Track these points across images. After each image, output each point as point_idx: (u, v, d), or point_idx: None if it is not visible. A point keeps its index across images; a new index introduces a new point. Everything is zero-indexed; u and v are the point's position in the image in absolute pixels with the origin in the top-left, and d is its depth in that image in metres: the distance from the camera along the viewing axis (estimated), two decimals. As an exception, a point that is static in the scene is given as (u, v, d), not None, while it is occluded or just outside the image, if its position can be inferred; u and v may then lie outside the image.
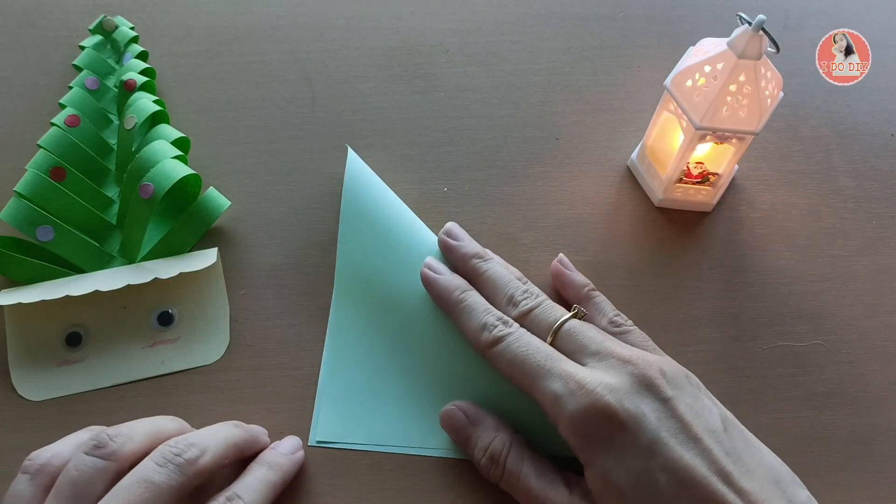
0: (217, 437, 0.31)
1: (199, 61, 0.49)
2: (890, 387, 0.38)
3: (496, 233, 0.42)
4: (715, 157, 0.41)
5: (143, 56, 0.48)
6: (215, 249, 0.40)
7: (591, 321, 0.35)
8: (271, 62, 0.49)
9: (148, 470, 0.28)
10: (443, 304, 0.36)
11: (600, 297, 0.37)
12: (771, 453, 0.31)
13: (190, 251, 0.41)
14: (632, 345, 0.34)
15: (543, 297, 0.35)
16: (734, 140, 0.39)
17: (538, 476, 0.32)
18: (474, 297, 0.35)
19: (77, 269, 0.39)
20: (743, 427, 0.32)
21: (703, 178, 0.42)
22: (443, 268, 0.37)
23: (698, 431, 0.29)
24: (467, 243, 0.38)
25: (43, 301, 0.36)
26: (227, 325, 0.39)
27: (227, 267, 0.41)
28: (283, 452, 0.34)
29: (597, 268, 0.41)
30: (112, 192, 0.43)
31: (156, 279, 0.37)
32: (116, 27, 0.49)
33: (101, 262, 0.40)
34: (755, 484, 0.28)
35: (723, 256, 0.42)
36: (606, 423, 0.29)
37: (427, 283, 0.37)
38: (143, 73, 0.45)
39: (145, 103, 0.42)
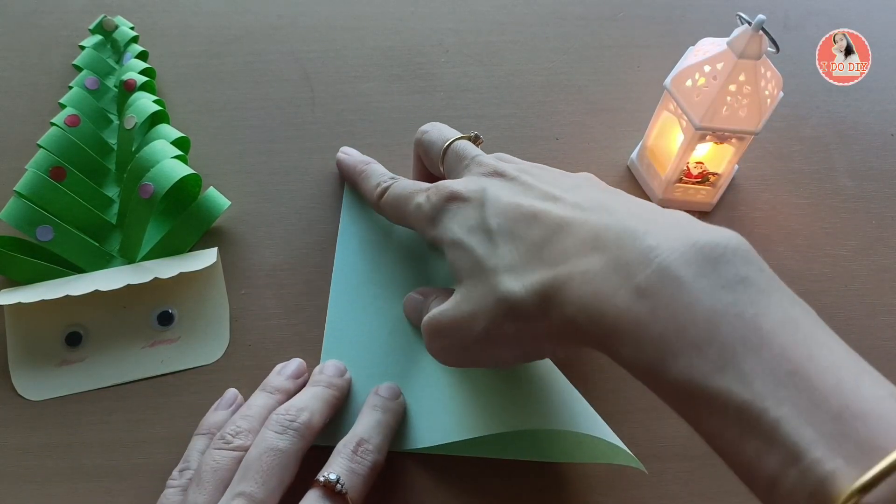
0: (317, 399, 0.34)
1: (199, 61, 0.49)
2: (890, 387, 0.38)
3: (496, 233, 0.42)
4: (715, 157, 0.41)
5: (143, 56, 0.48)
6: (215, 249, 0.40)
7: None
8: (271, 62, 0.49)
9: (272, 439, 0.30)
10: (349, 178, 0.42)
11: None
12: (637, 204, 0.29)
13: (190, 251, 0.41)
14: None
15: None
16: (734, 140, 0.39)
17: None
18: (374, 167, 0.40)
19: (77, 269, 0.39)
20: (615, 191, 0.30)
21: (703, 178, 0.42)
22: (352, 150, 0.43)
23: (533, 182, 0.30)
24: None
25: (43, 301, 0.36)
26: (227, 325, 0.39)
27: (227, 267, 0.41)
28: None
29: (597, 268, 0.41)
30: (112, 191, 0.43)
31: (156, 279, 0.37)
32: (116, 27, 0.49)
33: (101, 261, 0.40)
34: (586, 205, 0.28)
35: (723, 256, 0.42)
36: (450, 201, 0.32)
37: (338, 163, 0.43)
38: (143, 73, 0.45)
39: (145, 103, 0.42)
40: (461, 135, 0.36)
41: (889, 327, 0.40)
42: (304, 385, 0.36)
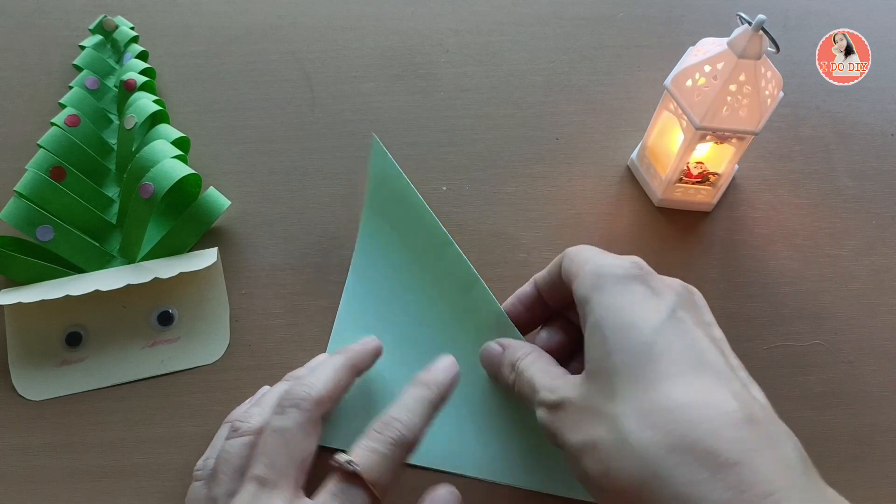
0: (324, 369, 0.32)
1: (199, 61, 0.49)
2: (890, 387, 0.38)
3: (496, 233, 0.42)
4: (715, 156, 0.41)
5: (143, 56, 0.48)
6: (215, 249, 0.40)
7: None
8: (271, 62, 0.49)
9: (270, 419, 0.30)
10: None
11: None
12: None
13: (190, 251, 0.41)
14: None
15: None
16: (734, 140, 0.39)
17: (543, 372, 0.32)
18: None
19: (77, 269, 0.39)
20: None
21: (703, 178, 0.42)
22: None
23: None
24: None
25: (43, 301, 0.36)
26: (227, 325, 0.39)
27: (227, 267, 0.41)
28: (439, 369, 0.33)
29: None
30: (112, 192, 0.43)
31: (156, 279, 0.37)
32: (116, 27, 0.49)
33: (101, 261, 0.40)
34: None
35: (723, 256, 0.42)
36: None
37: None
38: (143, 72, 0.45)
39: (145, 103, 0.42)
40: None
41: (889, 327, 0.40)
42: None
